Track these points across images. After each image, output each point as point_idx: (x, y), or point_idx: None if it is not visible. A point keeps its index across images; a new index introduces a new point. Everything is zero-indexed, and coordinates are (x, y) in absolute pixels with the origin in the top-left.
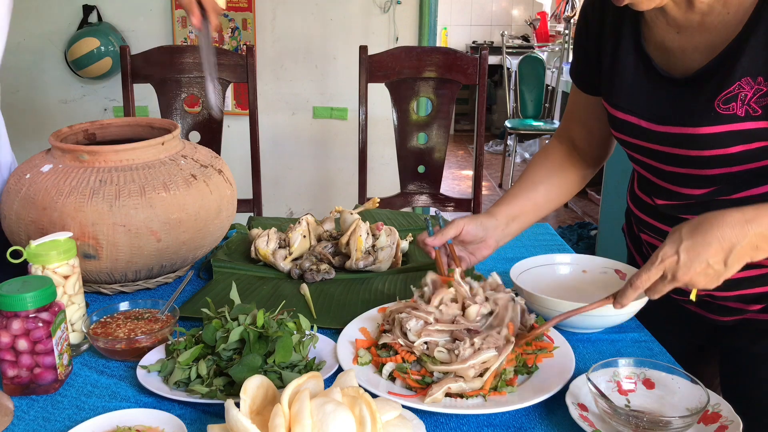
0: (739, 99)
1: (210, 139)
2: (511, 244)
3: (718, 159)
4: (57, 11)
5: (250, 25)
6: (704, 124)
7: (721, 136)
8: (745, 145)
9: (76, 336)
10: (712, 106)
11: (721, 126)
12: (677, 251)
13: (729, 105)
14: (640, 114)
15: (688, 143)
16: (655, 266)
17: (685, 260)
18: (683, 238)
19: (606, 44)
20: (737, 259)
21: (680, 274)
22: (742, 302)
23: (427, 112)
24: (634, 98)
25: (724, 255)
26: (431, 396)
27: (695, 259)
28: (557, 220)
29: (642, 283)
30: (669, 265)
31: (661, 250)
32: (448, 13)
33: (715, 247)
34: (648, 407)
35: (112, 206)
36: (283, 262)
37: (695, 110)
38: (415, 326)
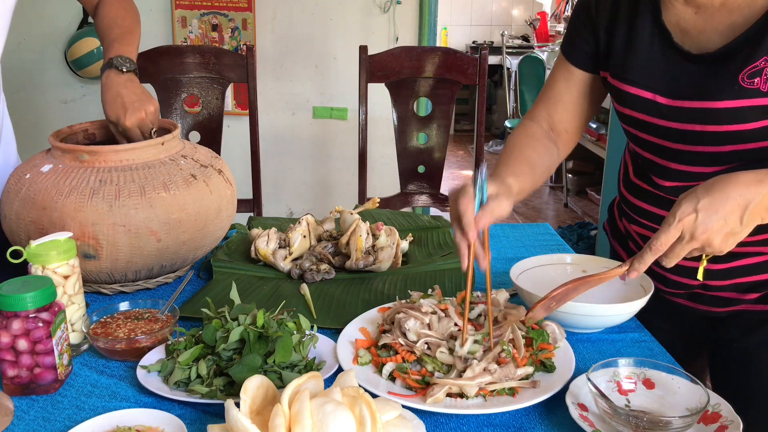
0: (765, 74)
1: (210, 139)
2: (511, 244)
3: (733, 135)
4: (57, 11)
5: (250, 25)
6: (726, 97)
7: (742, 111)
8: (763, 121)
9: (76, 336)
10: (737, 80)
11: (742, 100)
12: (695, 209)
13: (753, 80)
14: (655, 89)
15: (705, 118)
16: (673, 226)
17: (703, 217)
18: (700, 196)
19: (620, 20)
20: (751, 218)
21: (698, 232)
22: (737, 292)
23: (427, 112)
24: (649, 74)
25: (741, 212)
26: (432, 396)
27: (713, 216)
28: (557, 220)
29: (661, 245)
30: (687, 223)
31: (678, 209)
32: (448, 13)
33: (731, 204)
34: (648, 407)
35: (112, 206)
36: (283, 262)
37: (717, 85)
38: (413, 326)
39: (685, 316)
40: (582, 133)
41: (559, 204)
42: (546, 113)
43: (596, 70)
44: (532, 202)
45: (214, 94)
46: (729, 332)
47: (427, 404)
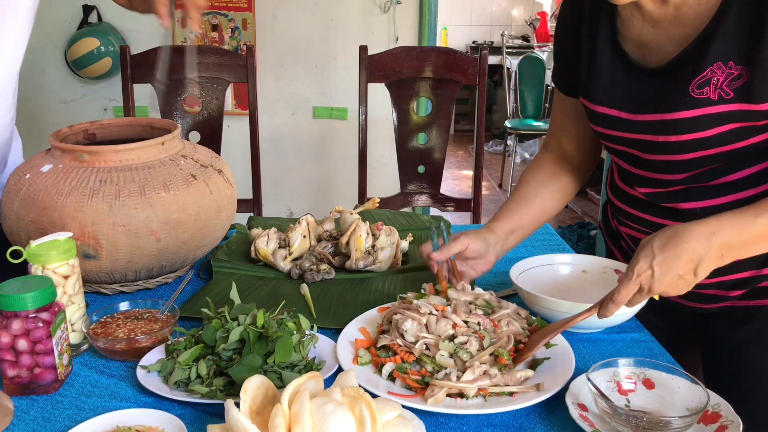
0: (712, 83)
1: (210, 139)
2: None
3: (694, 143)
4: (57, 11)
5: (250, 25)
6: (680, 109)
7: (697, 120)
8: (719, 128)
9: (76, 336)
10: (687, 91)
11: (696, 110)
12: (651, 266)
13: (703, 89)
14: (618, 106)
15: (665, 129)
16: (632, 281)
17: (658, 274)
18: (655, 253)
19: (584, 43)
20: (705, 269)
21: (655, 287)
22: (722, 289)
23: (427, 112)
24: (611, 91)
25: (693, 266)
26: (433, 396)
27: (668, 272)
28: (557, 220)
29: (622, 298)
30: (644, 279)
31: (636, 266)
32: (448, 13)
33: (684, 260)
34: (648, 407)
35: (112, 206)
36: (283, 262)
37: (671, 97)
38: (411, 327)
39: (674, 312)
40: (598, 153)
41: None
42: (555, 141)
43: None
44: None
45: (214, 94)
46: (718, 328)
47: (428, 404)
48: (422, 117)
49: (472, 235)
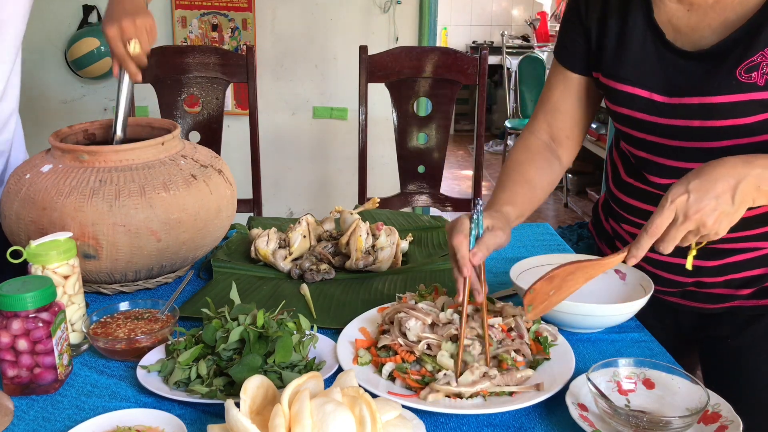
0: (761, 68)
1: (210, 139)
2: (511, 244)
3: (732, 129)
4: (57, 11)
5: (250, 25)
6: (723, 92)
7: (739, 105)
8: (761, 115)
9: (76, 336)
10: (734, 74)
11: (740, 95)
12: (687, 189)
13: (751, 74)
14: (651, 87)
15: (703, 113)
16: (666, 208)
17: (695, 197)
18: (690, 178)
19: (611, 20)
20: (742, 197)
21: (692, 212)
22: (730, 288)
23: (427, 112)
24: (643, 71)
25: (731, 191)
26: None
27: (705, 195)
28: (557, 220)
29: (656, 227)
30: (680, 204)
31: (670, 192)
32: (448, 13)
33: (721, 183)
34: (648, 407)
35: (112, 206)
36: (283, 262)
37: (715, 79)
38: (414, 326)
39: (675, 314)
40: (584, 137)
41: (559, 204)
42: (545, 123)
43: (589, 72)
44: None
45: (214, 94)
46: (721, 329)
47: (428, 402)
48: (422, 117)
49: (504, 227)
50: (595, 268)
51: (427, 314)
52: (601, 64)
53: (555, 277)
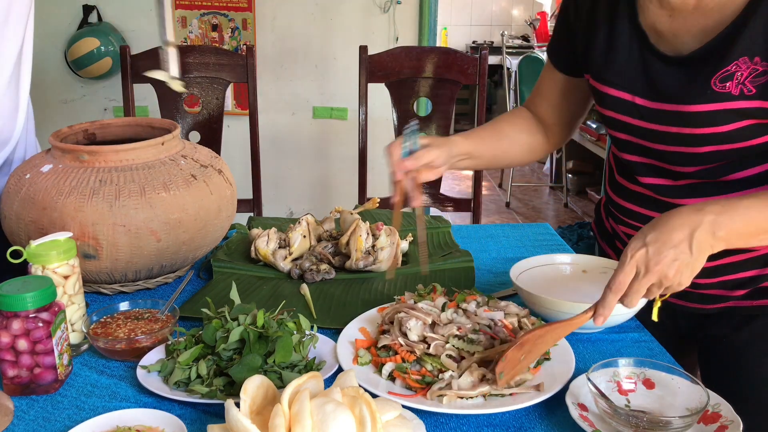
0: (735, 78)
1: (210, 139)
2: (511, 244)
3: (710, 137)
4: (57, 11)
5: (250, 25)
6: (699, 101)
7: (715, 114)
8: (737, 123)
9: (76, 336)
10: (709, 84)
11: (715, 104)
12: (644, 243)
13: (725, 84)
14: (633, 90)
15: (681, 121)
16: (626, 263)
17: (653, 250)
18: (646, 233)
19: (599, 23)
20: (700, 246)
21: (651, 264)
22: (724, 289)
23: (427, 112)
24: (628, 75)
25: (688, 239)
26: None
27: (662, 247)
28: (557, 220)
29: (620, 284)
30: (639, 258)
31: (629, 248)
32: (448, 13)
33: (677, 233)
34: (648, 407)
35: (112, 206)
36: (283, 262)
37: (691, 88)
38: (415, 326)
39: (673, 314)
40: (574, 128)
41: (559, 204)
42: (534, 105)
43: (575, 73)
44: (532, 202)
45: (214, 94)
46: (718, 328)
47: (428, 402)
48: (422, 117)
49: (442, 147)
50: (564, 329)
51: (427, 314)
52: (590, 66)
53: (526, 342)
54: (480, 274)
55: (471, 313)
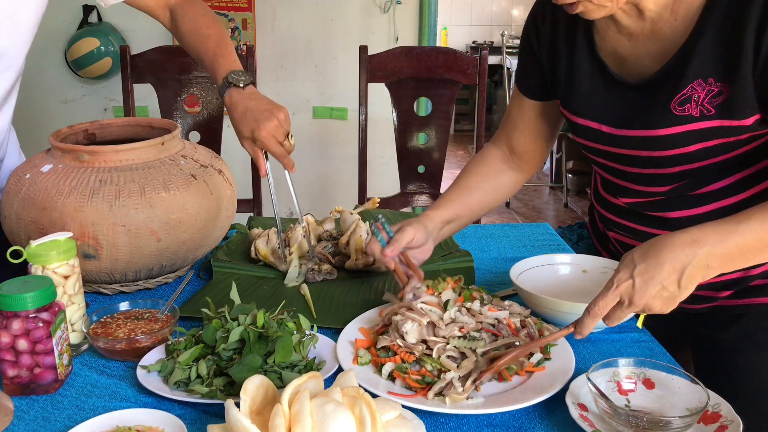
0: (693, 100)
1: (210, 139)
2: (511, 244)
3: (677, 158)
4: (57, 11)
5: (250, 25)
6: (662, 126)
7: (679, 137)
8: (701, 144)
9: (76, 336)
10: (669, 108)
11: (678, 127)
12: (632, 275)
13: (684, 106)
14: (600, 119)
15: (648, 145)
16: (611, 292)
17: (640, 283)
18: (636, 262)
19: (560, 53)
20: (690, 280)
21: (636, 298)
22: (711, 290)
23: (427, 112)
24: (592, 104)
25: (677, 276)
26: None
27: (650, 282)
28: (557, 220)
29: (599, 310)
30: (625, 289)
31: (616, 276)
32: (448, 13)
33: (667, 269)
34: (648, 407)
35: (112, 206)
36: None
37: (653, 113)
38: (411, 329)
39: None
40: (547, 152)
41: (559, 204)
42: (505, 137)
43: (545, 98)
44: (532, 202)
45: (214, 94)
46: (707, 328)
47: (429, 402)
48: (422, 117)
49: (414, 225)
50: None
51: (422, 315)
52: (557, 95)
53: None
54: (480, 274)
55: (476, 311)
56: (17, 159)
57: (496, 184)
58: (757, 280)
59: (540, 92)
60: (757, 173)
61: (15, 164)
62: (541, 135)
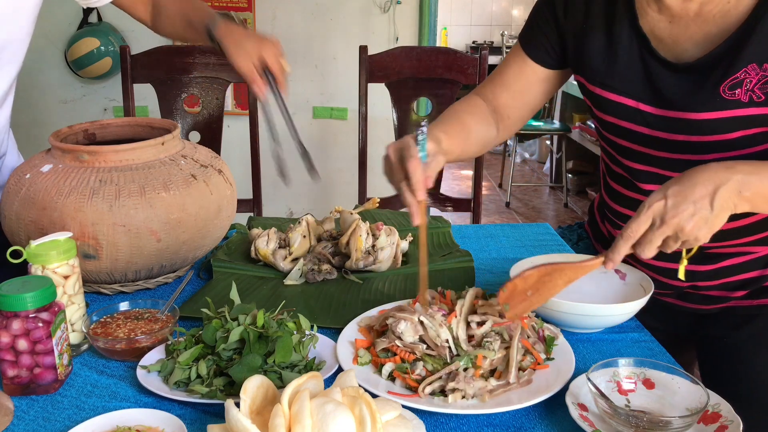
0: (744, 85)
1: (210, 139)
2: (511, 244)
3: (716, 145)
4: (57, 11)
5: (250, 25)
6: (707, 109)
7: (724, 122)
8: (745, 131)
9: (76, 336)
10: (718, 91)
11: (724, 112)
12: (665, 195)
13: (734, 91)
14: (639, 97)
15: (689, 128)
16: (643, 213)
17: (672, 203)
18: (670, 184)
19: (596, 26)
20: (722, 203)
21: (668, 217)
22: (725, 290)
23: (427, 112)
24: (631, 81)
25: (710, 196)
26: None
27: (682, 201)
28: (557, 220)
29: (633, 232)
30: (657, 209)
31: (649, 199)
32: (448, 13)
33: (700, 188)
34: (648, 407)
35: (112, 206)
36: (283, 262)
37: (699, 96)
38: (406, 328)
39: (671, 313)
40: (525, 121)
41: (559, 204)
42: (492, 94)
43: (554, 67)
44: (532, 202)
45: (214, 94)
46: (718, 328)
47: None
48: (422, 117)
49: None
50: (573, 271)
51: (413, 312)
52: (585, 70)
53: (530, 277)
54: (480, 274)
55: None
56: (15, 158)
57: (483, 134)
58: None
59: (551, 60)
60: None
61: (14, 163)
62: (530, 104)
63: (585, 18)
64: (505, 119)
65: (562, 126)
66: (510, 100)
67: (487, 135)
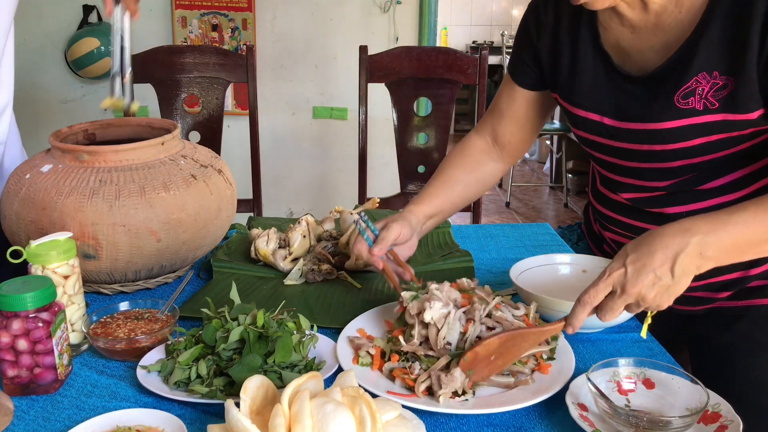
0: (697, 93)
1: (210, 139)
2: (511, 244)
3: (679, 152)
4: (57, 11)
5: (250, 25)
6: (665, 119)
7: (682, 130)
8: (704, 138)
9: (76, 336)
10: (672, 101)
11: (681, 120)
12: (624, 264)
13: (688, 100)
14: (602, 111)
15: (650, 138)
16: (602, 281)
17: (632, 271)
18: (628, 252)
19: (563, 45)
20: (683, 269)
21: (629, 287)
22: (710, 291)
23: (427, 112)
24: (595, 96)
25: (670, 264)
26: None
27: (642, 270)
28: (557, 220)
29: (590, 298)
30: (617, 278)
31: (609, 266)
32: (448, 13)
33: (659, 257)
34: (648, 407)
35: (112, 206)
36: (283, 262)
37: (656, 106)
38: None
39: (662, 315)
40: (530, 144)
41: (559, 204)
42: (491, 126)
43: (539, 89)
44: (532, 202)
45: (214, 94)
46: (705, 329)
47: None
48: (422, 117)
49: (399, 220)
50: (536, 336)
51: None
52: (557, 87)
53: (491, 344)
54: (480, 274)
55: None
56: (19, 156)
57: (477, 177)
58: (756, 281)
59: (534, 83)
60: (759, 170)
61: (17, 160)
62: (528, 126)
63: (554, 37)
64: (507, 146)
65: (562, 126)
66: (507, 127)
67: (484, 174)
